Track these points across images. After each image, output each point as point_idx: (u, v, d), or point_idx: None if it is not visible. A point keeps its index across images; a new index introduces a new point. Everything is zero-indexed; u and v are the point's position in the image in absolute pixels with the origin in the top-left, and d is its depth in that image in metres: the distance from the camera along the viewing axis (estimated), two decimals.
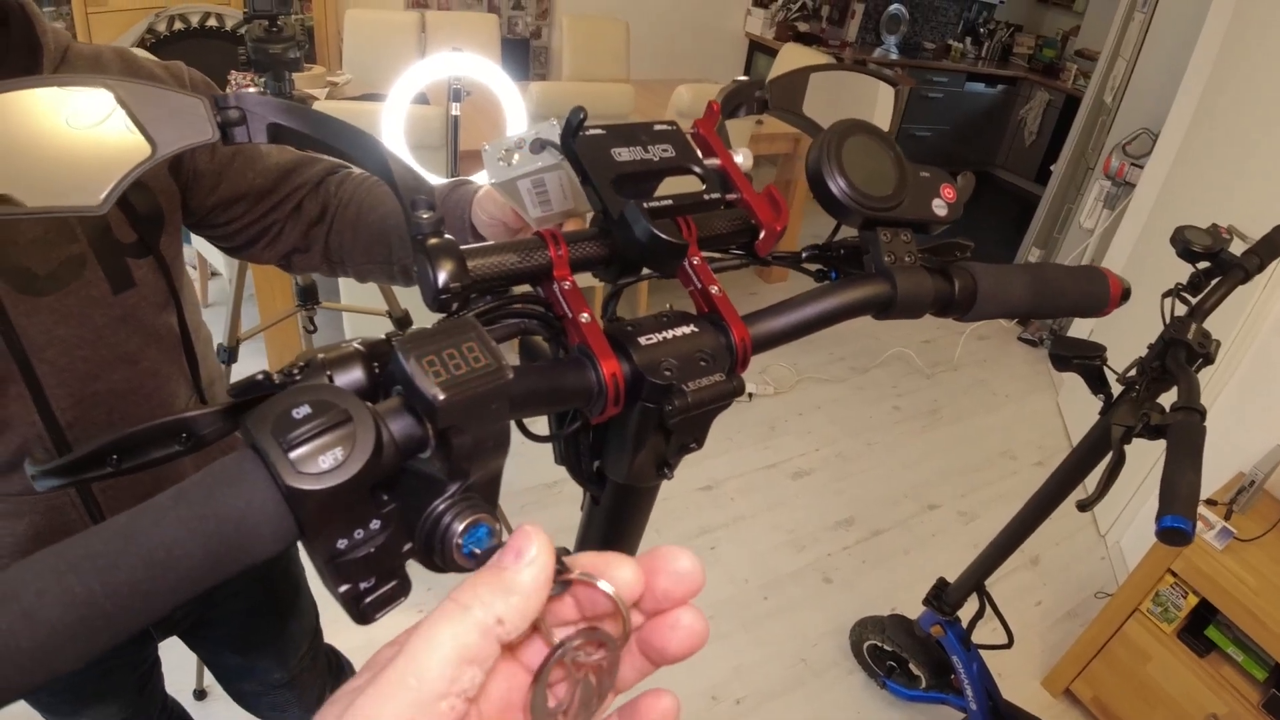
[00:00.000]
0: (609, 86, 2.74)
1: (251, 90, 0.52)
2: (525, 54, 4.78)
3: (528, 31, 4.78)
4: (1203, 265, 1.18)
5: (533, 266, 0.41)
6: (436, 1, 4.41)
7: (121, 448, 0.31)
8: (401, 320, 1.79)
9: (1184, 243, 1.17)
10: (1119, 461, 0.96)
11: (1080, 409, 3.17)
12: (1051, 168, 4.18)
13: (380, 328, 2.78)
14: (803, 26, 5.54)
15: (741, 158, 0.48)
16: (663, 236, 0.39)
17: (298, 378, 0.33)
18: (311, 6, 3.84)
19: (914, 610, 1.92)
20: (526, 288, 0.43)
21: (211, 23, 3.40)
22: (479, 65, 1.66)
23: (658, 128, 0.45)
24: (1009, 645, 1.73)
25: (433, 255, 0.37)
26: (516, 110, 1.71)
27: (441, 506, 0.31)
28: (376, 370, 0.34)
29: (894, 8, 5.84)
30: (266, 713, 1.35)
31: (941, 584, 1.79)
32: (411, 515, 0.31)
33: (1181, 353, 1.03)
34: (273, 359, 2.85)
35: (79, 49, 0.82)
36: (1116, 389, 1.20)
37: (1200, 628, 1.91)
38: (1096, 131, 3.77)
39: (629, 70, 4.14)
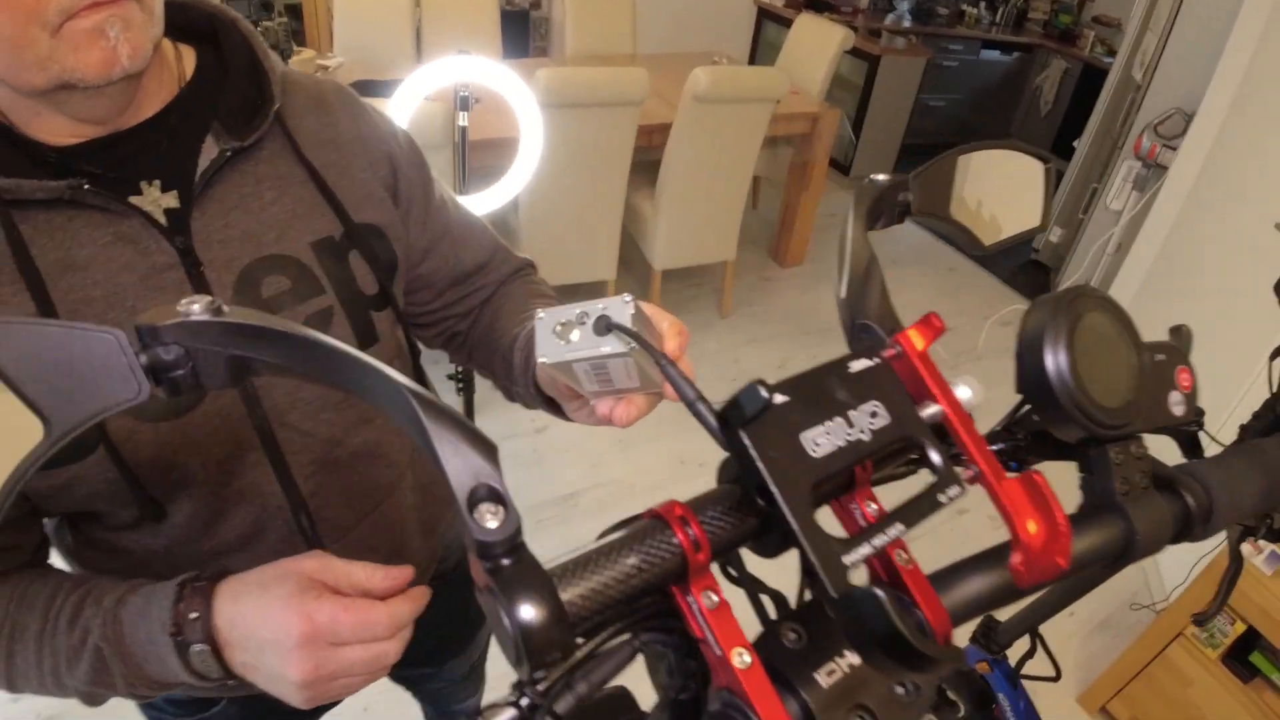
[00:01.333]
0: (621, 72, 2.57)
1: (196, 305, 0.39)
2: (525, 27, 4.58)
3: (526, 3, 4.57)
4: None
5: (658, 576, 0.29)
6: None
7: None
8: None
9: None
10: (1238, 568, 0.84)
11: None
12: (1074, 144, 4.01)
13: None
14: None
15: (969, 393, 0.34)
16: (915, 645, 0.26)
17: None
18: None
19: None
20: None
21: None
22: (488, 69, 1.51)
23: (856, 368, 0.31)
24: (1056, 679, 1.65)
25: (510, 594, 0.25)
26: (529, 114, 1.56)
27: None
28: None
29: None
30: (444, 703, 1.39)
31: (990, 623, 1.69)
32: None
33: None
34: None
35: (296, 78, 0.74)
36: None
37: (1245, 652, 1.83)
38: (1125, 108, 3.60)
39: (635, 43, 3.95)
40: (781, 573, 0.40)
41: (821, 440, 0.30)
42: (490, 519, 0.24)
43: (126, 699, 0.62)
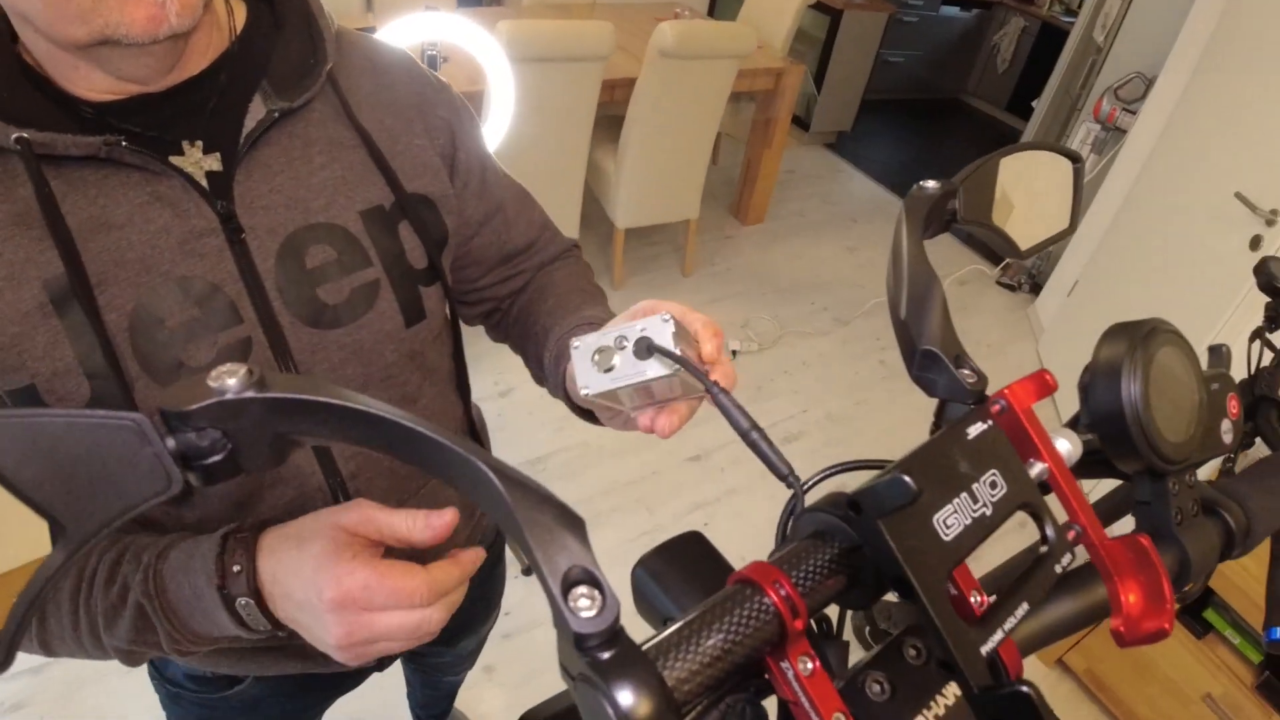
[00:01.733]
0: (586, 25, 2.49)
1: (231, 380, 0.26)
2: None
3: None
4: None
5: (758, 646, 0.27)
6: None
7: None
8: None
9: (1269, 276, 1.05)
10: None
11: (1061, 359, 3.12)
12: (1034, 103, 4.03)
13: None
14: None
15: (1068, 446, 0.33)
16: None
17: None
18: None
19: None
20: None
21: None
22: (457, 26, 1.45)
23: (973, 434, 0.29)
24: None
25: (613, 684, 0.23)
26: (500, 72, 1.51)
27: None
28: None
29: None
30: (438, 674, 1.40)
31: None
32: None
33: (1273, 414, 0.93)
34: None
35: (353, 38, 0.71)
36: None
37: (1199, 610, 1.90)
38: (1085, 71, 3.62)
39: None
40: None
41: (952, 521, 0.28)
42: (588, 608, 0.23)
43: (169, 656, 0.60)
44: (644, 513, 2.36)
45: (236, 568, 0.54)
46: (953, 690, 0.29)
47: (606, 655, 0.22)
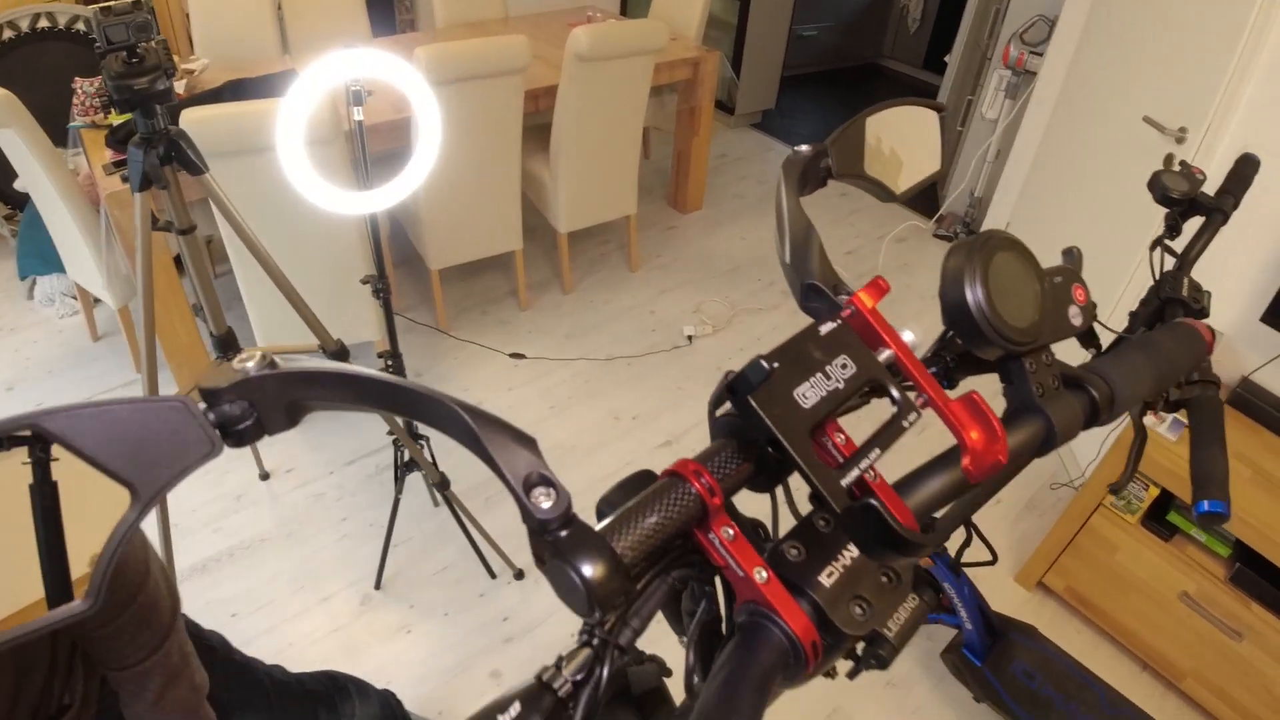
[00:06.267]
0: (500, 41, 2.54)
1: (250, 364, 0.39)
2: (389, 2, 4.43)
3: None
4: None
5: (685, 520, 0.33)
6: None
7: None
8: (338, 353, 1.64)
9: (1162, 189, 1.14)
10: (1143, 439, 0.94)
11: None
12: (946, 59, 4.15)
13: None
14: None
15: (911, 336, 0.40)
16: (905, 535, 0.32)
17: None
18: None
19: None
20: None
21: (43, 24, 3.01)
22: (378, 61, 1.49)
23: (825, 331, 0.37)
24: (993, 562, 1.78)
25: (573, 556, 0.29)
26: (425, 100, 1.55)
27: None
28: None
29: None
30: None
31: (926, 520, 1.82)
32: None
33: (1179, 310, 1.01)
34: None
35: None
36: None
37: (1162, 514, 1.99)
38: (990, 19, 3.75)
39: (506, 6, 3.89)
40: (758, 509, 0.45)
41: (809, 394, 0.35)
42: (544, 500, 0.29)
43: None
44: None
45: None
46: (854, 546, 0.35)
47: (565, 534, 0.28)
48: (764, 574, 0.33)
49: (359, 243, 2.39)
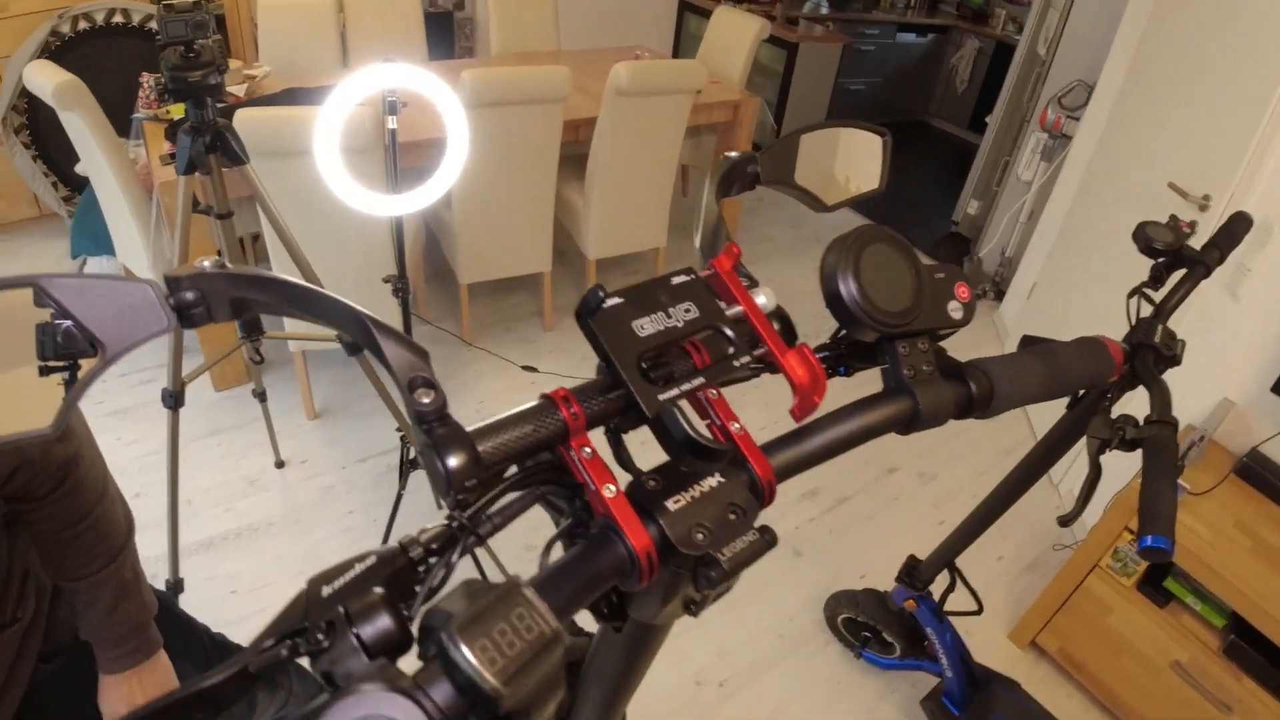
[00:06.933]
0: (543, 71, 2.65)
1: (206, 263, 0.48)
2: (449, 28, 4.62)
3: (450, 4, 4.61)
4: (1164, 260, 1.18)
5: (548, 435, 0.38)
6: None
7: None
8: (353, 345, 1.72)
9: (1145, 239, 1.17)
10: (1096, 475, 0.97)
11: None
12: (987, 119, 4.20)
13: (331, 358, 2.70)
14: None
15: (764, 298, 0.45)
16: (702, 442, 0.36)
17: (324, 644, 0.30)
18: None
19: (884, 576, 1.95)
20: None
21: (118, 19, 3.20)
22: (413, 75, 1.58)
23: (676, 281, 0.42)
24: (979, 613, 1.78)
25: (441, 447, 0.34)
26: (454, 115, 1.64)
27: None
28: (403, 605, 0.32)
29: None
30: None
31: (913, 562, 1.83)
32: None
33: (1150, 357, 1.04)
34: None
35: None
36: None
37: (1159, 579, 1.97)
38: (1032, 83, 3.79)
39: (559, 40, 4.03)
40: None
41: (647, 326, 0.40)
42: (425, 398, 0.34)
43: None
44: None
45: None
46: (710, 481, 0.40)
47: (440, 430, 0.34)
48: (612, 489, 0.38)
49: (385, 245, 2.48)
